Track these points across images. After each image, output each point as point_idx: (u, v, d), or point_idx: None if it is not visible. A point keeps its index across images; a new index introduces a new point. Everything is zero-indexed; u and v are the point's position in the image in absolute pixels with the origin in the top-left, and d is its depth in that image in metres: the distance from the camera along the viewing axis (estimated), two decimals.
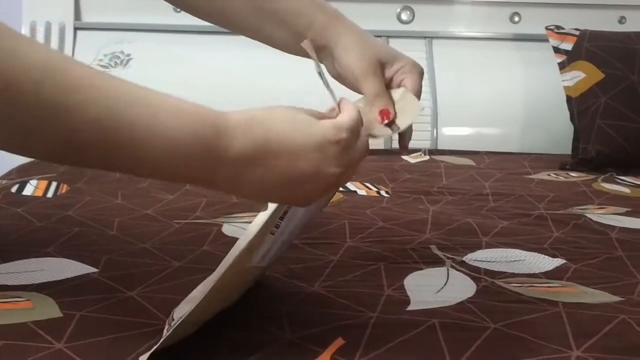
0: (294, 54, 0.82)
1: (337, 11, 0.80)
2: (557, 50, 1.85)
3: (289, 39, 0.80)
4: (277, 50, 0.84)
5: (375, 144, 0.77)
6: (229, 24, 0.83)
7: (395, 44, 2.04)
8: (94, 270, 0.83)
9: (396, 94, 0.79)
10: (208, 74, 1.95)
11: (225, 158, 0.52)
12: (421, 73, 0.80)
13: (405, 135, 0.80)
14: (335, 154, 0.55)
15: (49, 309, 0.70)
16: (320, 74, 0.67)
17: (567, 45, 1.83)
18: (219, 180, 0.53)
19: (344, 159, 0.56)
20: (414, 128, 0.83)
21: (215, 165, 0.52)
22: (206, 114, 0.53)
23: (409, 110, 0.78)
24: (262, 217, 0.63)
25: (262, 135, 0.54)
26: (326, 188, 0.56)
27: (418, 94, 0.79)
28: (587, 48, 1.79)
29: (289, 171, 0.54)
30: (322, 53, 0.79)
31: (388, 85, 0.79)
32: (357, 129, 0.59)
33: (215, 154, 0.52)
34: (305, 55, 0.72)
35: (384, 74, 0.78)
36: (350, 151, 0.57)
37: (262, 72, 1.96)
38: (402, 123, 0.77)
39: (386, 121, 0.76)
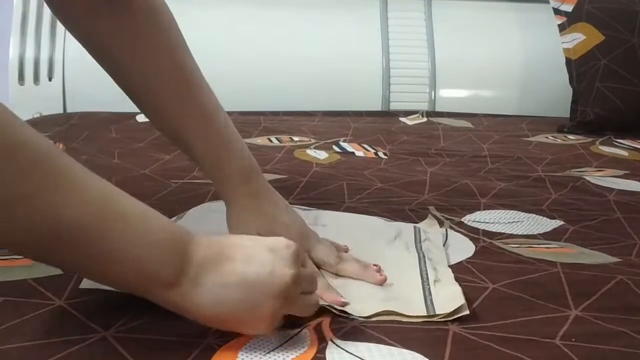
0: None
1: (245, 176, 0.75)
2: (557, 11, 1.83)
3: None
4: (284, 13, 0.82)
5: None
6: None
7: (394, 5, 2.02)
8: None
9: None
10: (204, 37, 1.92)
11: (193, 257, 0.54)
12: None
13: None
14: (288, 255, 0.56)
15: (48, 266, 0.70)
16: None
17: (568, 7, 1.81)
18: (185, 279, 0.54)
19: (297, 263, 0.56)
20: (411, 90, 0.82)
21: (183, 262, 0.54)
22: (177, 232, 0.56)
23: None
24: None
25: (219, 242, 0.57)
26: (283, 293, 0.55)
27: None
28: (587, 9, 1.77)
29: (245, 272, 0.55)
30: None
31: None
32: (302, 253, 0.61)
33: (184, 254, 0.54)
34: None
35: None
36: (301, 261, 0.58)
37: (266, 36, 1.93)
38: None
39: None
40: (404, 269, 0.72)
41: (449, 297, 0.65)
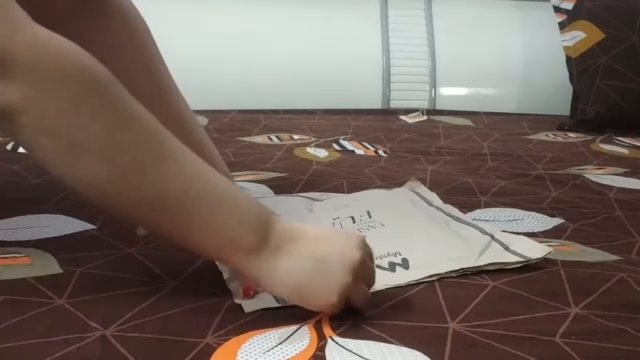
0: None
1: None
2: (557, 9, 1.82)
3: None
4: (284, 11, 0.83)
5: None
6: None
7: (394, 3, 2.02)
8: (93, 227, 0.82)
9: None
10: (205, 36, 1.91)
11: (274, 229, 0.60)
12: None
13: None
14: (358, 242, 0.61)
15: (49, 265, 0.70)
16: None
17: (568, 5, 1.81)
18: (266, 248, 0.59)
19: (364, 250, 0.61)
20: (411, 88, 0.84)
21: (266, 232, 0.59)
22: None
23: None
24: None
25: (300, 225, 0.63)
26: (353, 270, 0.58)
27: None
28: (588, 7, 1.77)
29: (320, 248, 0.60)
30: None
31: None
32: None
33: (267, 225, 0.60)
34: None
35: None
36: (368, 254, 0.62)
37: (266, 34, 1.92)
38: None
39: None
40: (451, 230, 0.82)
41: (531, 245, 0.76)
